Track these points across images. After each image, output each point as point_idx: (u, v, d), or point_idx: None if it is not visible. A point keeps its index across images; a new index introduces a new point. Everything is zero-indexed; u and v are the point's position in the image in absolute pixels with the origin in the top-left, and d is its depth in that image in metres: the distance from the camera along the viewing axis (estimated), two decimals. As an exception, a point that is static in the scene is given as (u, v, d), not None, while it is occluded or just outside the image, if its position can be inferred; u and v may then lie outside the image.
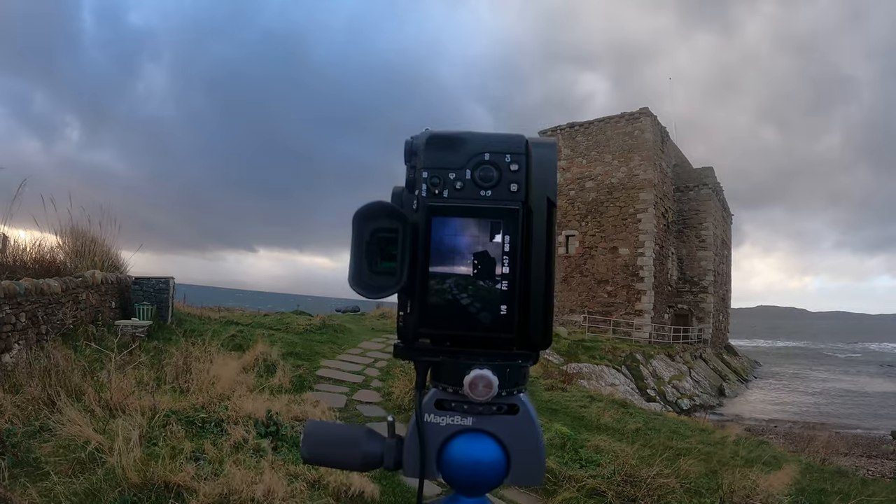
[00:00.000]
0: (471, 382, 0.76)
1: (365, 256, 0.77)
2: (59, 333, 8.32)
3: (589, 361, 21.68)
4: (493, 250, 0.76)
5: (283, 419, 6.06)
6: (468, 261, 0.76)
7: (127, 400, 5.71)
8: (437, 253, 0.76)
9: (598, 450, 6.94)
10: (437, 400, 0.81)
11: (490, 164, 0.77)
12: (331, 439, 0.85)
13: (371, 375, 10.60)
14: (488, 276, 0.76)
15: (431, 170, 0.77)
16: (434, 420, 0.81)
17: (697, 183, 37.84)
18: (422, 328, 0.78)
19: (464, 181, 0.77)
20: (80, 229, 11.02)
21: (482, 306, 0.76)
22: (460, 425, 0.80)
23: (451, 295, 0.76)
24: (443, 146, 0.78)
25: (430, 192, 0.77)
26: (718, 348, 38.97)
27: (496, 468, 0.80)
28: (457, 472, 0.80)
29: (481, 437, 0.80)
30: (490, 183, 0.77)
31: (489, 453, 0.80)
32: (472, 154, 0.77)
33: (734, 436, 9.34)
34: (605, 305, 32.61)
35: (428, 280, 0.76)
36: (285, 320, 15.79)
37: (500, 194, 0.76)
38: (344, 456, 0.84)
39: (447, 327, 0.77)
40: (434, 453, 0.80)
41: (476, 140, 0.78)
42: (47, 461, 4.42)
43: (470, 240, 0.76)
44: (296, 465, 4.97)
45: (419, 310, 0.77)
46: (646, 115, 32.73)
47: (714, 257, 37.84)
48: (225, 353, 8.91)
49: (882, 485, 7.91)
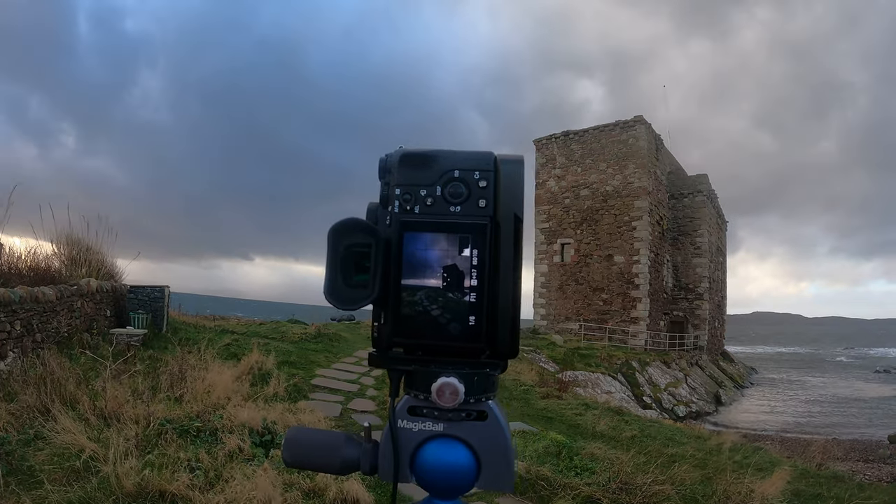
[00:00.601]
0: (438, 390, 0.80)
1: (340, 270, 0.81)
2: (54, 341, 8.28)
3: (585, 369, 21.70)
4: (461, 264, 0.79)
5: (278, 428, 6.05)
6: (438, 274, 0.79)
7: (122, 408, 5.70)
8: (409, 266, 0.80)
9: (594, 457, 6.92)
10: (409, 406, 0.84)
11: (459, 181, 0.80)
12: (311, 444, 0.89)
13: (366, 384, 10.58)
14: (457, 289, 0.79)
15: (403, 186, 0.81)
16: (407, 426, 0.84)
17: (692, 190, 37.98)
18: (395, 338, 0.82)
19: (434, 197, 0.80)
20: (75, 237, 10.98)
21: (451, 317, 0.79)
22: (431, 431, 0.84)
23: (422, 306, 0.80)
24: (415, 164, 0.82)
25: (402, 208, 0.81)
26: (714, 355, 39.00)
27: (467, 472, 0.83)
28: (429, 476, 0.84)
29: (452, 442, 0.84)
30: (459, 199, 0.80)
31: (460, 458, 0.83)
32: (442, 171, 0.81)
33: (730, 442, 9.35)
34: (600, 313, 32.63)
35: (400, 292, 0.80)
36: (280, 329, 15.78)
37: (469, 210, 0.80)
38: (323, 460, 0.88)
39: (419, 337, 0.81)
40: (407, 458, 0.84)
41: (446, 158, 0.82)
42: (42, 469, 4.41)
43: (440, 253, 0.79)
44: (291, 474, 4.95)
45: (392, 321, 0.81)
46: (640, 122, 32.90)
47: (709, 264, 37.93)
48: (220, 362, 8.89)
49: (879, 489, 7.93)
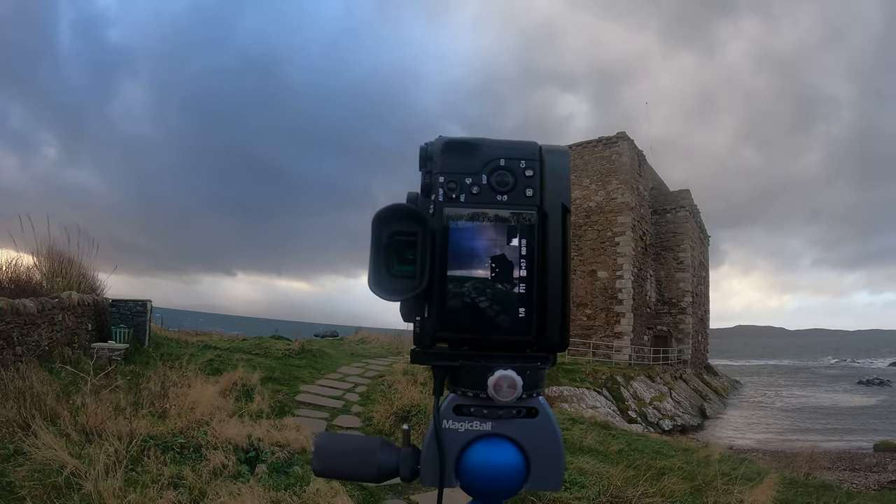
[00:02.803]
0: (495, 383, 0.76)
1: (384, 260, 0.77)
2: (35, 355, 8.14)
3: (570, 384, 21.66)
4: (510, 254, 0.76)
5: (263, 445, 5.96)
6: (486, 264, 0.76)
7: (104, 424, 5.58)
8: (455, 256, 0.77)
9: (582, 471, 6.90)
10: (455, 405, 0.80)
11: (506, 170, 0.78)
12: (343, 451, 0.84)
13: (351, 400, 10.52)
14: (506, 280, 0.76)
15: (447, 175, 0.79)
16: (452, 426, 0.80)
17: (674, 205, 38.34)
18: (441, 332, 0.78)
19: (480, 186, 0.78)
20: (57, 249, 10.85)
21: (500, 309, 0.76)
22: (479, 430, 0.80)
23: (470, 298, 0.76)
24: (458, 152, 0.79)
25: (447, 197, 0.78)
26: (698, 369, 39.17)
27: (516, 474, 0.79)
28: (476, 479, 0.79)
29: (501, 442, 0.80)
30: (506, 188, 0.78)
31: (509, 459, 0.79)
32: (487, 160, 0.79)
33: (717, 454, 9.36)
34: (584, 328, 32.64)
35: (446, 284, 0.77)
36: (264, 345, 15.62)
37: (517, 199, 0.78)
38: (358, 467, 0.83)
39: (466, 331, 0.77)
40: (453, 461, 0.79)
41: (490, 146, 0.80)
42: (22, 486, 4.32)
43: (488, 243, 0.77)
44: (276, 491, 4.86)
45: (438, 314, 0.77)
46: (623, 139, 33.22)
47: (692, 279, 38.22)
48: (203, 378, 8.76)
49: (867, 496, 7.98)
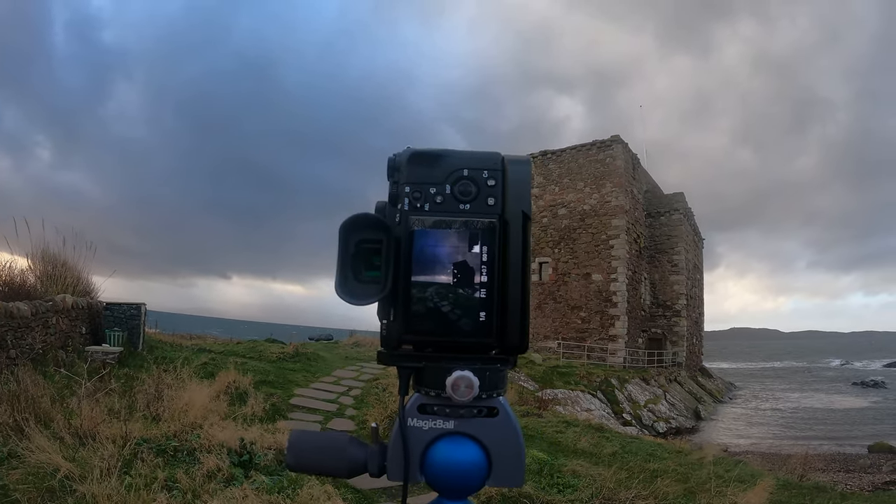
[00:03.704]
0: (453, 383, 0.80)
1: (350, 266, 0.81)
2: (29, 358, 8.14)
3: (564, 387, 21.67)
4: (471, 260, 0.80)
5: (257, 448, 5.95)
6: (448, 270, 0.80)
7: (97, 427, 5.58)
8: (419, 263, 0.80)
9: (576, 474, 6.92)
10: (419, 404, 0.84)
11: (468, 180, 0.82)
12: (315, 447, 0.87)
13: (345, 404, 10.50)
14: (468, 285, 0.80)
15: (413, 185, 0.82)
16: (417, 424, 0.84)
17: (669, 208, 38.48)
18: (405, 335, 0.82)
19: (444, 195, 0.82)
20: (51, 252, 10.79)
21: (462, 313, 0.80)
22: (442, 429, 0.83)
23: (433, 303, 0.80)
24: (424, 162, 0.83)
25: (411, 206, 0.81)
26: (693, 371, 39.27)
27: (478, 470, 0.83)
28: (440, 475, 0.83)
29: (463, 439, 0.83)
30: (469, 197, 0.81)
31: (471, 456, 0.83)
32: (451, 170, 0.82)
33: (711, 456, 9.38)
34: (579, 331, 32.67)
35: (410, 289, 0.80)
36: (258, 348, 15.60)
37: (479, 208, 0.81)
38: (329, 463, 0.86)
39: (429, 333, 0.81)
40: (417, 457, 0.83)
41: (455, 157, 0.83)
42: (16, 489, 4.32)
43: (450, 250, 0.80)
44: (270, 494, 4.86)
45: (402, 317, 0.81)
46: (617, 142, 33.31)
47: (686, 281, 38.33)
48: (197, 381, 8.74)
49: (861, 497, 8.01)
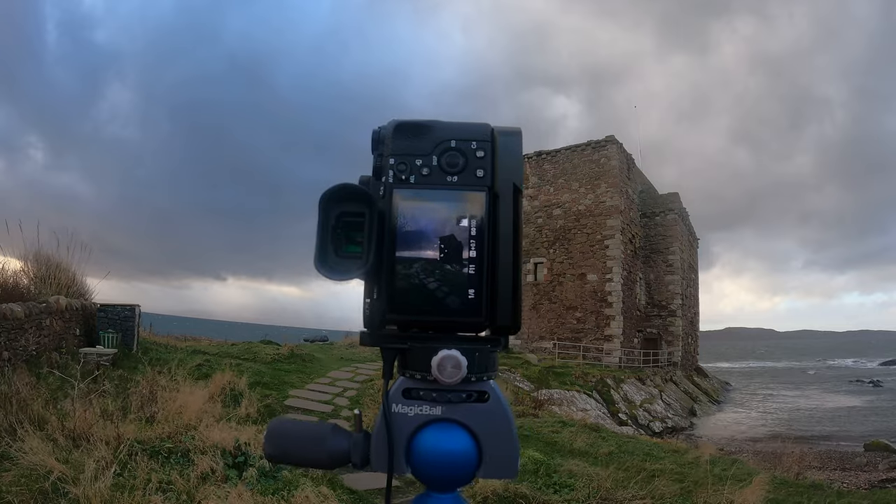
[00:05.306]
0: (439, 363, 0.75)
1: (331, 241, 0.76)
2: (23, 360, 8.12)
3: (560, 387, 21.67)
4: (459, 234, 0.76)
5: (252, 449, 5.91)
6: (435, 245, 0.76)
7: (91, 429, 5.54)
8: (404, 237, 0.76)
9: (572, 474, 6.89)
10: (404, 388, 0.79)
11: (456, 151, 0.78)
12: (295, 436, 0.82)
13: (340, 405, 10.45)
14: (455, 261, 0.75)
15: (398, 156, 0.78)
16: (402, 410, 0.79)
17: (663, 208, 38.57)
18: (390, 314, 0.77)
19: (430, 167, 0.78)
20: (44, 254, 10.76)
21: (450, 290, 0.75)
22: (429, 415, 0.78)
23: (419, 279, 0.75)
24: (410, 134, 0.79)
25: (396, 178, 0.77)
26: (688, 371, 39.35)
27: (468, 460, 0.77)
28: (426, 466, 0.78)
29: (451, 426, 0.78)
30: (456, 169, 0.77)
31: (460, 444, 0.77)
32: (438, 141, 0.78)
33: (707, 455, 9.37)
34: (574, 332, 32.72)
35: (395, 265, 0.76)
36: (253, 350, 15.54)
37: (467, 180, 0.77)
38: (309, 453, 0.82)
39: (415, 312, 0.76)
40: (403, 446, 0.78)
41: (442, 128, 0.79)
42: (9, 491, 4.30)
43: (437, 224, 0.76)
44: (265, 495, 4.83)
45: (386, 295, 0.76)
46: (612, 142, 33.38)
47: (681, 281, 38.43)
48: (191, 383, 8.70)
49: (857, 495, 8.01)
